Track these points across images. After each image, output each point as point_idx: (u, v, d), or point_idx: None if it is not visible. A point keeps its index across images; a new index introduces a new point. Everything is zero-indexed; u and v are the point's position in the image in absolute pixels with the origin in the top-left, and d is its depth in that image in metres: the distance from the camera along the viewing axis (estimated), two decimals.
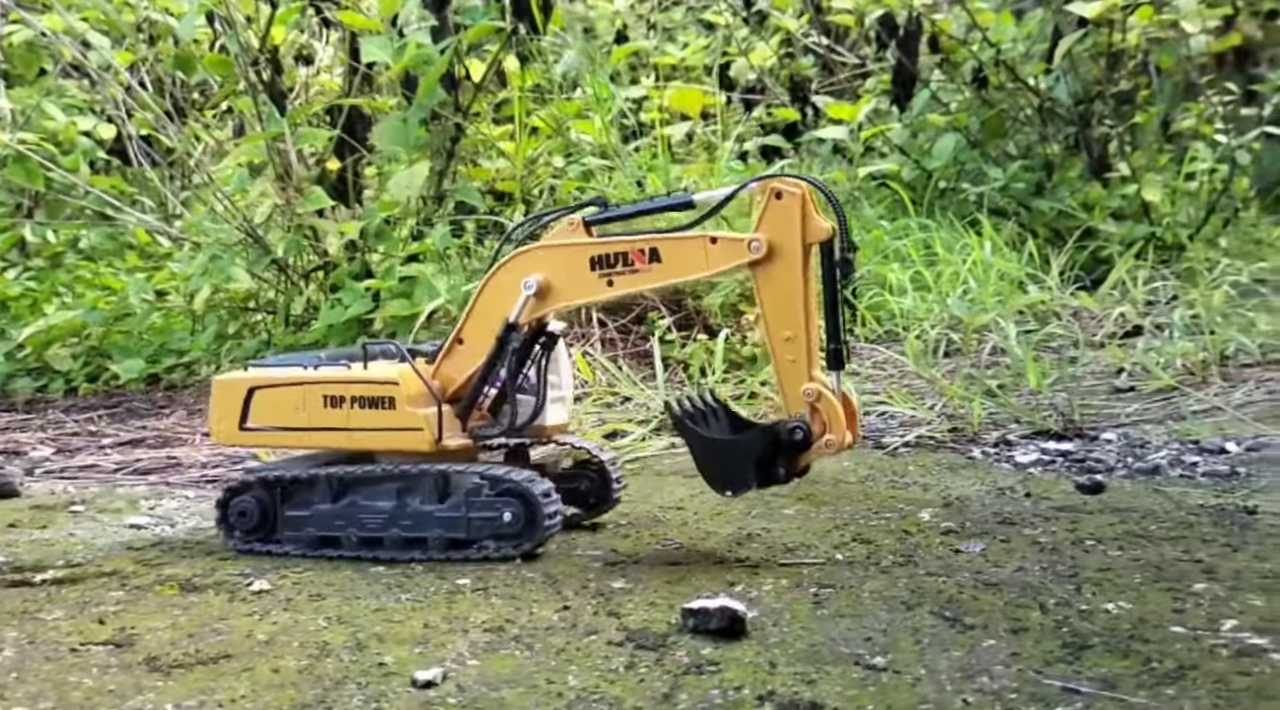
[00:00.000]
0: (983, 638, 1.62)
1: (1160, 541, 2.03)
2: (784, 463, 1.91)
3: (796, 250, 1.87)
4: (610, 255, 1.96)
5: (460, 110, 3.77)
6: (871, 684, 1.48)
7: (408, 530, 2.02)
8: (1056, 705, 1.40)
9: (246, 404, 2.10)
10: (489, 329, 2.02)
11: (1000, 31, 4.83)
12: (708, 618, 1.65)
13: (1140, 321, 3.78)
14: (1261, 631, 1.57)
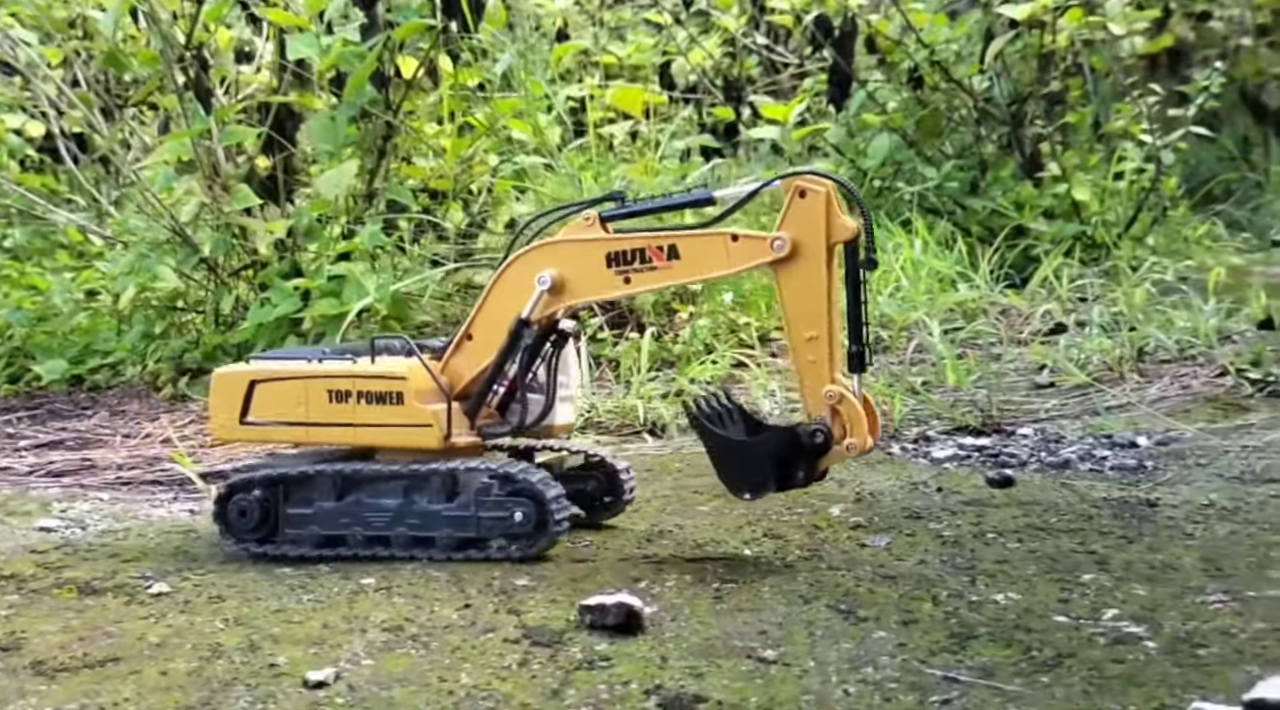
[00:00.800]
0: (874, 629, 1.65)
1: (1059, 533, 2.08)
2: (804, 465, 1.88)
3: (821, 249, 1.84)
4: (627, 252, 1.92)
5: (391, 108, 3.75)
6: (759, 676, 1.50)
7: (415, 529, 1.98)
8: (933, 694, 1.43)
9: (248, 398, 2.04)
10: (500, 325, 1.97)
11: (934, 33, 4.88)
12: (604, 614, 1.67)
13: (1064, 319, 3.85)
14: (1139, 620, 1.62)
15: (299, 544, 2.03)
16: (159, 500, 2.59)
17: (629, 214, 1.97)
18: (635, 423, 3.03)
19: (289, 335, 3.56)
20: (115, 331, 3.82)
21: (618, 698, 1.44)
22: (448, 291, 3.92)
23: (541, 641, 1.63)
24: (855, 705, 1.41)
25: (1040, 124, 4.89)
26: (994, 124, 5.00)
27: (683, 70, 5.52)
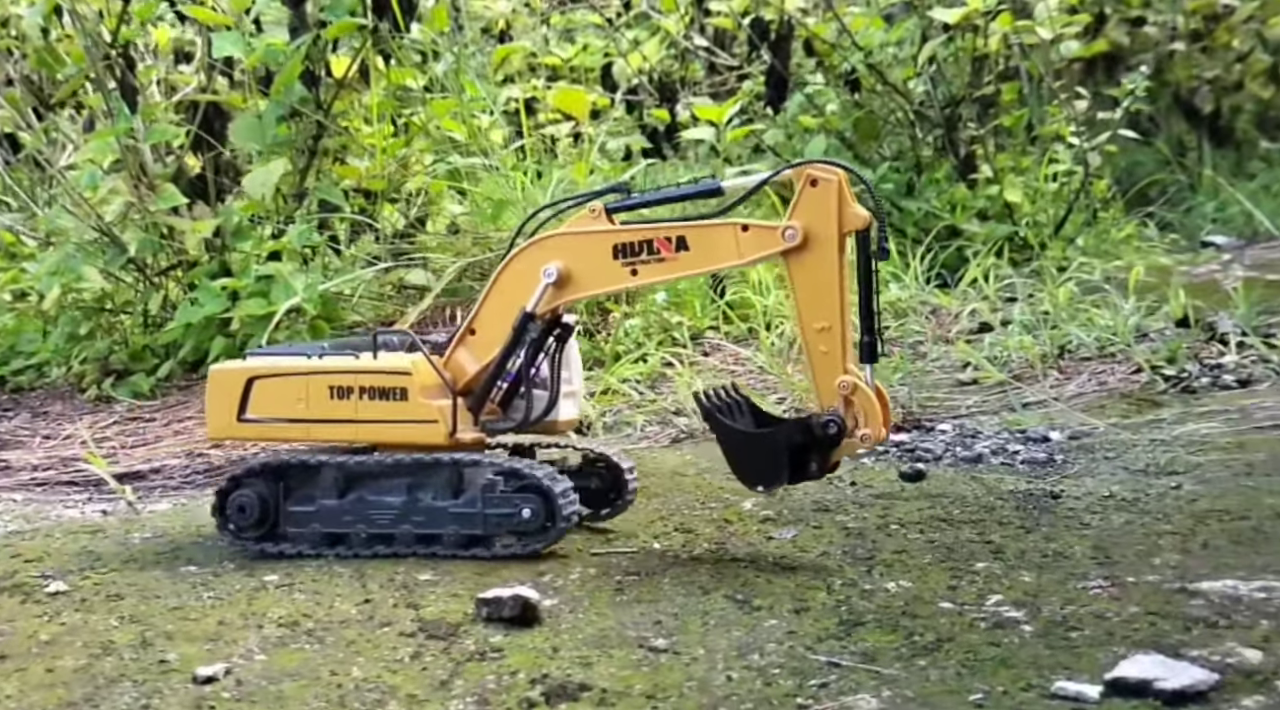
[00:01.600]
0: (766, 618, 1.68)
1: (961, 525, 2.12)
2: (816, 457, 1.86)
3: (833, 239, 1.81)
4: (634, 243, 1.89)
5: (322, 108, 3.74)
6: (647, 665, 1.52)
7: (420, 526, 1.95)
8: (813, 678, 1.46)
9: (245, 395, 2.00)
10: (503, 319, 1.95)
11: (869, 36, 4.95)
12: (500, 606, 1.68)
13: (990, 319, 3.91)
14: (1020, 605, 1.66)
15: (300, 542, 1.99)
16: (73, 501, 2.57)
17: (635, 205, 1.96)
18: None
19: (217, 336, 3.54)
20: (41, 333, 3.78)
21: (504, 687, 1.46)
22: (381, 292, 3.91)
23: (436, 634, 1.64)
24: (736, 690, 1.43)
25: (974, 127, 4.97)
26: (929, 126, 5.08)
27: (623, 72, 5.55)
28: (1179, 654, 1.42)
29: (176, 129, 3.56)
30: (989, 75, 5.05)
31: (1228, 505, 2.14)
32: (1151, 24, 6.66)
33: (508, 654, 1.57)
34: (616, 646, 1.59)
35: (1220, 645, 1.44)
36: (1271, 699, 1.30)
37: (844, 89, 5.15)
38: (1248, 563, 1.78)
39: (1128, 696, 1.34)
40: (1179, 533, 2.00)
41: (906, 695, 1.39)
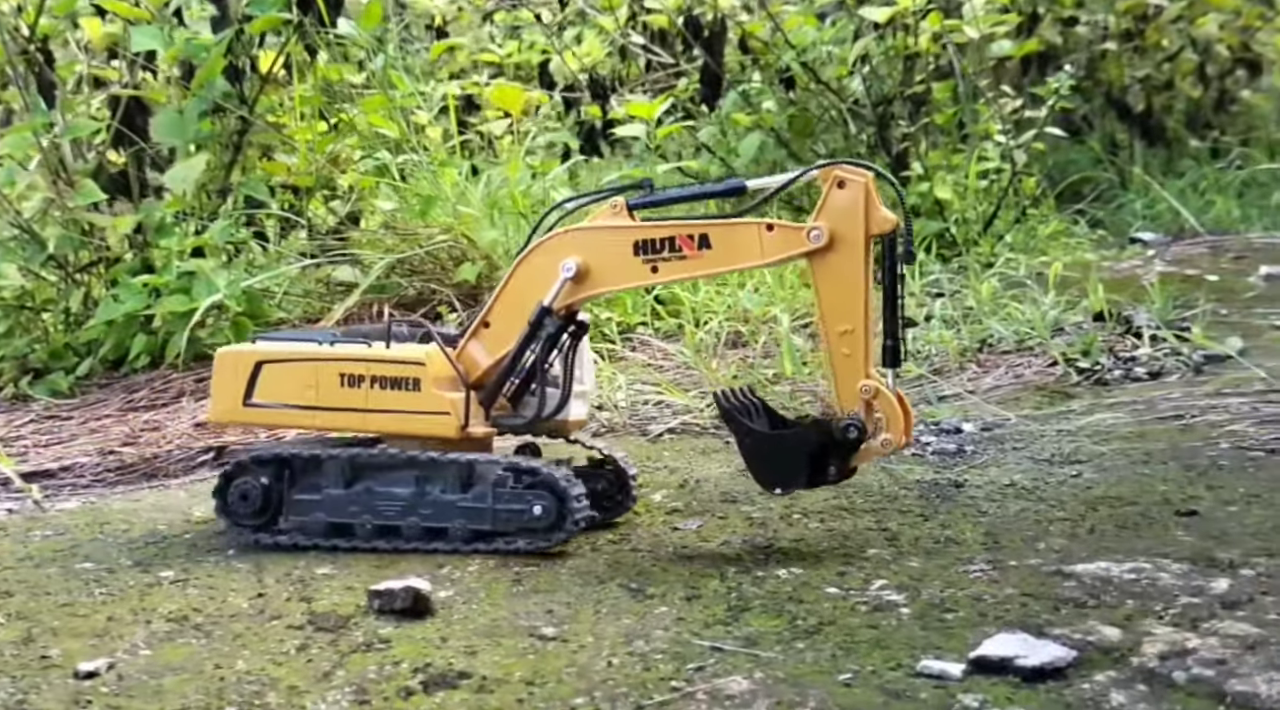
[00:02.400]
0: (658, 606, 1.70)
1: (861, 513, 2.16)
2: (835, 461, 1.86)
3: (859, 241, 1.80)
4: (656, 240, 1.86)
5: (246, 103, 3.71)
6: (532, 653, 1.54)
7: (427, 520, 1.93)
8: (692, 661, 1.48)
9: (253, 379, 1.97)
10: (519, 313, 1.93)
11: (802, 34, 5.00)
12: (392, 598, 1.69)
13: (913, 314, 3.97)
14: (903, 589, 1.69)
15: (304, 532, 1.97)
16: None
17: (657, 202, 1.94)
18: None
19: (139, 334, 3.51)
20: None
21: (385, 677, 1.47)
22: (309, 288, 3.89)
23: (325, 627, 1.64)
24: (614, 675, 1.45)
25: (905, 124, 5.03)
26: (862, 124, 5.14)
27: (560, 69, 5.55)
28: (1043, 633, 1.46)
29: (95, 123, 3.52)
30: (920, 73, 5.12)
31: (1120, 492, 2.19)
32: (1084, 24, 6.78)
33: (394, 645, 1.57)
34: (506, 636, 1.60)
35: (1084, 624, 1.48)
36: (1123, 673, 1.34)
37: (779, 87, 5.20)
38: (1128, 546, 1.83)
39: (989, 674, 1.37)
40: (1070, 519, 2.05)
41: (778, 676, 1.42)
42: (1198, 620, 1.46)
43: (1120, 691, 1.29)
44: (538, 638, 1.59)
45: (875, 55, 5.03)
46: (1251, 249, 5.06)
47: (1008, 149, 4.76)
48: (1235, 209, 5.92)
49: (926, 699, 1.33)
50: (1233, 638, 1.39)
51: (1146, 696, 1.28)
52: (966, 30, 4.70)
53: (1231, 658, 1.33)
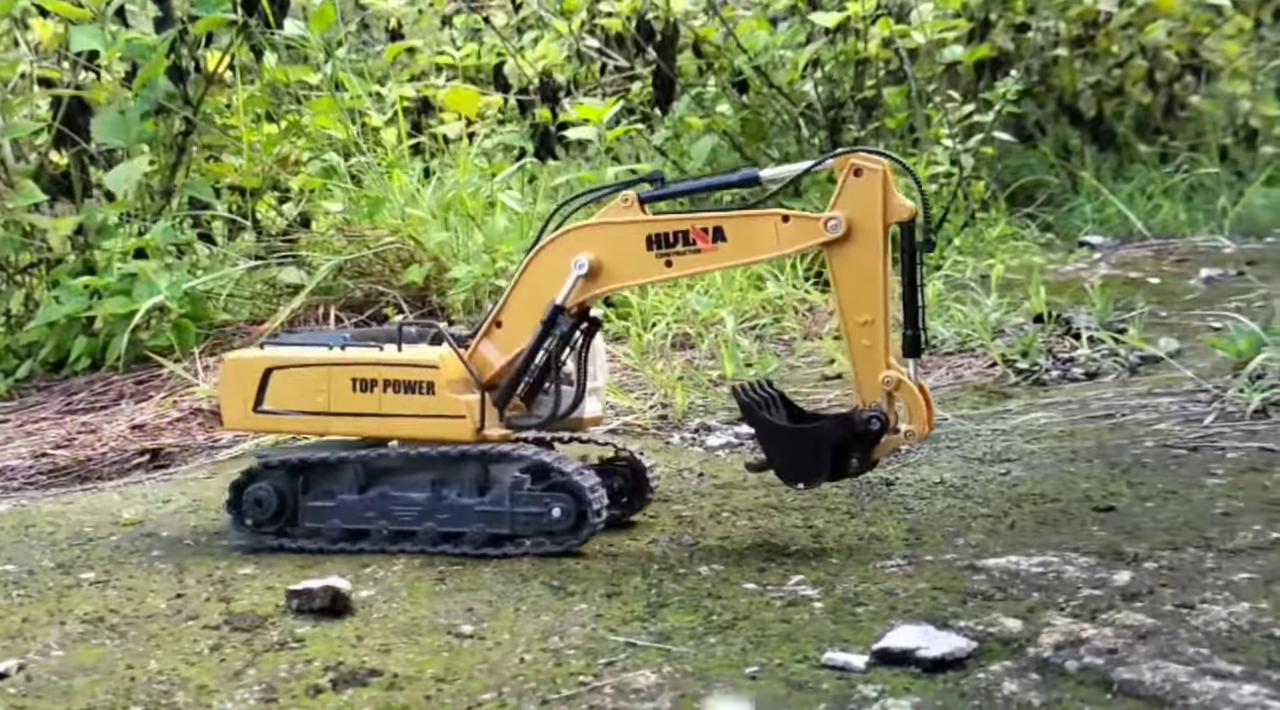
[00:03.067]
0: (578, 603, 1.71)
1: (790, 511, 2.18)
2: (858, 453, 1.83)
3: (877, 230, 1.78)
4: (669, 234, 1.84)
5: (190, 103, 3.69)
6: (447, 650, 1.55)
7: (444, 524, 1.91)
8: (604, 656, 1.49)
9: (262, 385, 1.94)
10: (531, 311, 1.90)
11: (754, 39, 5.04)
12: (311, 597, 1.69)
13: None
14: (818, 584, 1.71)
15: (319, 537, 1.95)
16: None
17: (669, 195, 1.91)
18: None
19: (80, 336, 3.48)
20: None
21: (295, 676, 1.47)
22: (255, 290, 3.88)
23: (242, 627, 1.64)
24: (525, 671, 1.46)
25: (856, 128, 5.08)
26: (815, 128, 5.18)
27: (514, 72, 5.56)
28: (947, 625, 1.49)
29: (35, 124, 3.49)
30: (871, 78, 5.17)
31: (1044, 489, 2.23)
32: (1035, 30, 6.87)
33: (309, 644, 1.58)
34: (423, 634, 1.61)
35: (987, 616, 1.51)
36: (1018, 663, 1.37)
37: (732, 91, 5.23)
38: (1042, 541, 1.86)
39: (891, 665, 1.40)
40: (993, 515, 2.08)
41: (687, 670, 1.43)
42: (1097, 611, 1.49)
43: (1013, 680, 1.32)
44: (455, 635, 1.60)
45: (827, 60, 5.07)
46: (1195, 252, 5.14)
47: (955, 153, 4.82)
48: (1182, 213, 6.02)
49: (828, 690, 1.35)
50: (1127, 628, 1.42)
51: (1038, 685, 1.30)
52: (915, 36, 4.75)
53: (1123, 647, 1.36)
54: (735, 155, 5.20)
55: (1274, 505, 1.96)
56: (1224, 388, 2.80)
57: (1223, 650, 1.33)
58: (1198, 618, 1.43)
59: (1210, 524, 1.87)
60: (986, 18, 6.64)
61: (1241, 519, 1.88)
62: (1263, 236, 5.49)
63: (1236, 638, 1.37)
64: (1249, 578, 1.58)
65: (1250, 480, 2.13)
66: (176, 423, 3.07)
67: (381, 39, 6.66)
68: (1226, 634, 1.38)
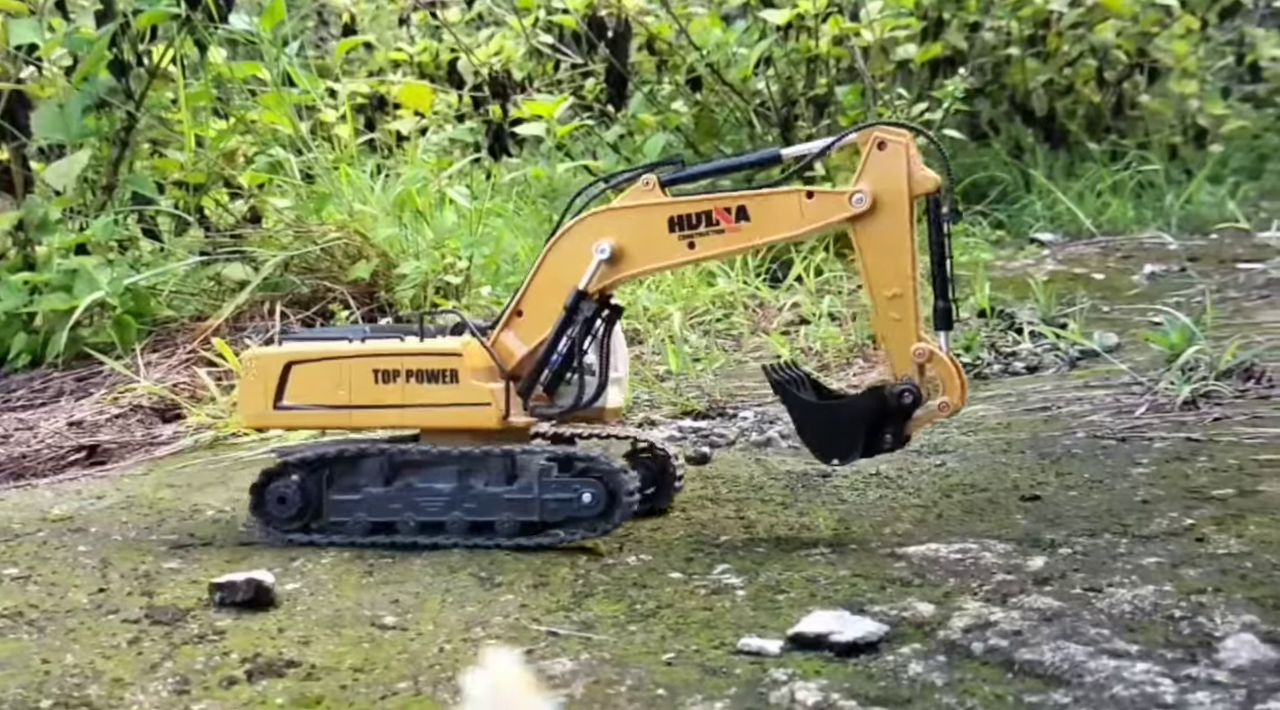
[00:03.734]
0: (504, 594, 1.71)
1: (725, 503, 2.19)
2: (891, 428, 1.82)
3: (903, 202, 1.76)
4: (692, 215, 1.82)
5: (133, 98, 3.65)
6: (368, 641, 1.54)
7: (472, 514, 1.88)
8: (523, 645, 1.50)
9: (282, 381, 1.91)
10: (552, 299, 1.87)
11: (706, 36, 5.06)
12: (234, 591, 1.68)
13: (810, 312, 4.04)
14: (742, 573, 1.73)
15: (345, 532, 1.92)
16: None
17: (689, 177, 1.88)
18: None
19: (19, 332, 3.43)
20: None
21: (211, 667, 1.46)
22: (200, 286, 3.84)
23: (162, 620, 1.63)
24: (443, 660, 1.46)
25: (808, 125, 5.11)
26: (767, 125, 5.21)
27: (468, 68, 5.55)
28: (863, 610, 1.51)
29: None
30: (823, 76, 5.21)
31: (975, 480, 2.26)
32: (988, 29, 6.94)
33: (230, 636, 1.57)
34: (346, 626, 1.61)
35: (903, 601, 1.53)
36: (927, 646, 1.39)
37: (686, 88, 5.25)
38: (967, 530, 1.89)
39: (805, 649, 1.41)
40: (923, 505, 2.11)
41: (604, 658, 1.44)
42: (1008, 596, 1.51)
43: (919, 662, 1.34)
44: (378, 627, 1.60)
45: (779, 58, 5.10)
46: (1141, 249, 5.22)
47: None
48: (1130, 210, 6.10)
49: (740, 674, 1.37)
50: (1034, 611, 1.44)
51: (943, 666, 1.32)
52: (864, 34, 4.79)
53: (1028, 629, 1.38)
54: (689, 152, 5.22)
55: (1193, 493, 2.00)
56: (1156, 380, 2.85)
57: (1123, 631, 1.36)
58: (1103, 600, 1.46)
59: (1129, 511, 1.91)
60: (940, 17, 6.71)
61: (1159, 507, 1.92)
62: (1206, 233, 5.59)
63: (1137, 619, 1.40)
64: (1157, 562, 1.61)
65: (1173, 469, 2.17)
66: (116, 419, 3.04)
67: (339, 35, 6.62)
68: (1129, 615, 1.41)
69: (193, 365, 3.31)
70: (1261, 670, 1.21)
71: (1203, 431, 2.44)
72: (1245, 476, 2.07)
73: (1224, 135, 7.57)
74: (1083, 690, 1.21)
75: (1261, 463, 2.16)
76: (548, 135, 4.42)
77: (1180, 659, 1.26)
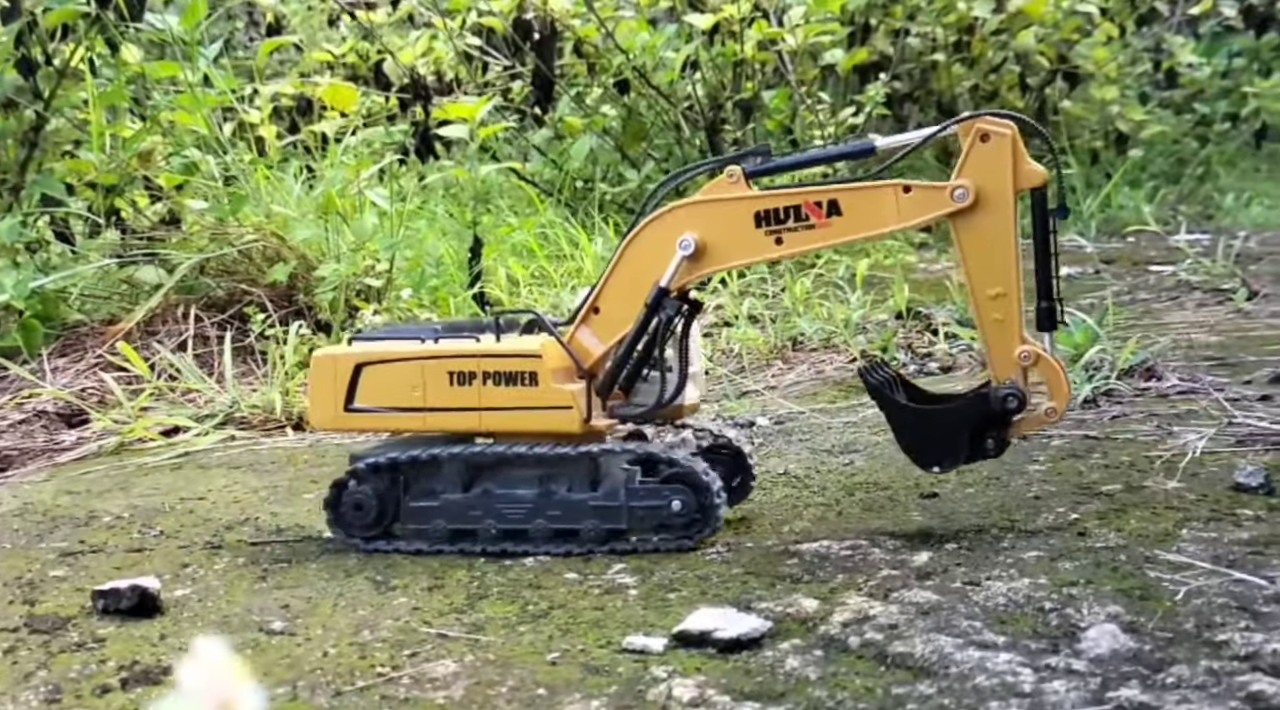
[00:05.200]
0: (398, 596, 1.70)
1: None
2: (994, 434, 1.76)
3: (1008, 197, 1.70)
4: (779, 209, 1.75)
5: (41, 98, 3.57)
6: (251, 647, 1.52)
7: (555, 521, 1.82)
8: (409, 649, 1.49)
9: (353, 382, 1.85)
10: (631, 296, 1.81)
11: (633, 39, 5.08)
12: (118, 598, 1.65)
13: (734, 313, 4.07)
14: (636, 572, 1.74)
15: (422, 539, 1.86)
16: None
17: (775, 169, 1.82)
18: (278, 417, 3.00)
19: None
20: None
21: (86, 676, 1.44)
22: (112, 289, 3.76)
23: (41, 629, 1.59)
24: (326, 665, 1.45)
25: (734, 129, 5.15)
26: (695, 129, 5.24)
27: (394, 70, 5.51)
28: (750, 607, 1.52)
29: None
30: (749, 80, 5.25)
31: (879, 478, 2.29)
32: (915, 35, 7.06)
33: (109, 644, 1.54)
34: (234, 631, 1.58)
35: (789, 597, 1.54)
36: (807, 641, 1.41)
37: (614, 91, 5.27)
38: (863, 527, 1.92)
39: (689, 647, 1.42)
40: (825, 503, 2.13)
41: (489, 659, 1.44)
42: (890, 590, 1.54)
43: (797, 657, 1.35)
44: (265, 632, 1.58)
45: (705, 62, 5.14)
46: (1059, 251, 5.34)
47: None
48: None
49: (622, 672, 1.37)
50: (912, 605, 1.47)
51: (819, 661, 1.34)
52: (787, 39, 4.84)
53: (904, 623, 1.40)
54: (616, 155, 5.24)
55: (1083, 489, 2.05)
56: None
57: (994, 623, 1.39)
58: (980, 593, 1.49)
59: (1020, 507, 1.95)
60: (867, 22, 6.81)
61: (1049, 502, 1.96)
62: (1123, 236, 5.73)
63: (1010, 611, 1.43)
64: (1037, 556, 1.65)
65: (1067, 466, 2.22)
66: (18, 424, 2.96)
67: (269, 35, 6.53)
68: (1002, 607, 1.44)
69: (101, 370, 3.24)
70: (1119, 659, 1.25)
71: (1100, 429, 2.50)
72: (1134, 472, 2.13)
73: (1144, 140, 7.76)
74: (947, 681, 1.23)
75: (1152, 459, 2.22)
76: (470, 138, 4.40)
77: (1043, 649, 1.29)
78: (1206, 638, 1.31)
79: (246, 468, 2.60)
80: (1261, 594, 1.42)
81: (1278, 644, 1.26)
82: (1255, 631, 1.32)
